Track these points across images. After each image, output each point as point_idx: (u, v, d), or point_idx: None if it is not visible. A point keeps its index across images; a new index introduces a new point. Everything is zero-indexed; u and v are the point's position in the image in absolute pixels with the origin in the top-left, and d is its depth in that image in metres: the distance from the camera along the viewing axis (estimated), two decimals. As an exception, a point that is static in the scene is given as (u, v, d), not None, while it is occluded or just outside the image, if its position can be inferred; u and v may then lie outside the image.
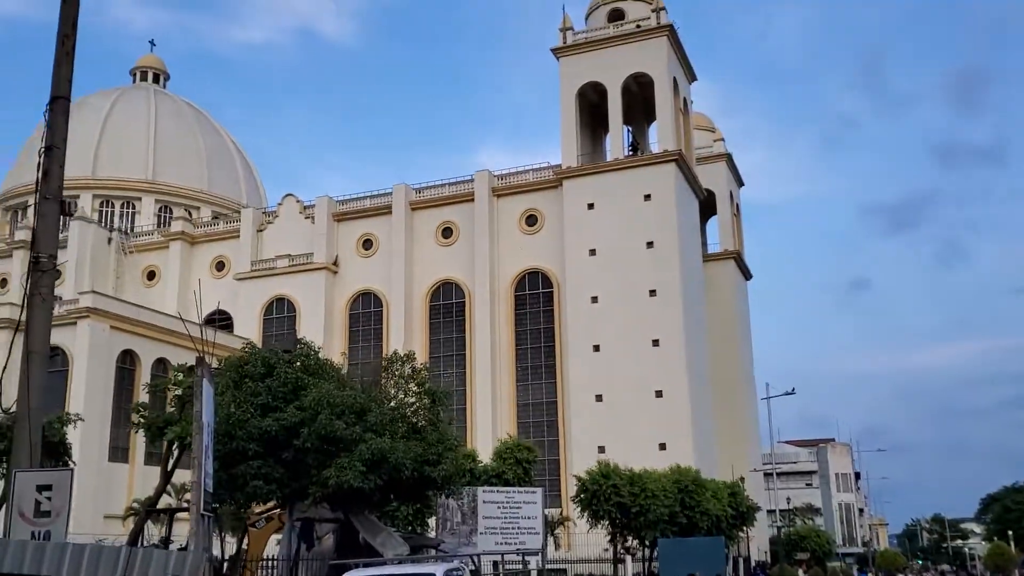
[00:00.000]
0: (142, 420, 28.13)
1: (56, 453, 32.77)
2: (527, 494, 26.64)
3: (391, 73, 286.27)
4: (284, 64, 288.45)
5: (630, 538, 46.52)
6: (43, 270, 10.65)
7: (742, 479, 58.92)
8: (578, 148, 66.70)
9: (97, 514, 54.88)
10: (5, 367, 10.82)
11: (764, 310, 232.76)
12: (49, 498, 10.72)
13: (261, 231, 75.06)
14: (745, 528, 54.85)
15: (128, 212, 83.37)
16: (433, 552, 23.13)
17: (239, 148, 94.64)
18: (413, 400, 23.65)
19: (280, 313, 71.53)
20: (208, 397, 18.73)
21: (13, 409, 11.41)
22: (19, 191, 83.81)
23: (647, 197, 63.32)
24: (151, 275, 76.82)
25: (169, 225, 78.87)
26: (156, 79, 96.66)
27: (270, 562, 24.08)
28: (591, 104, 69.85)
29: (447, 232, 70.14)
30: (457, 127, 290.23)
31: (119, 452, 59.50)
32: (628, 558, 46.33)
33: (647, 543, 46.10)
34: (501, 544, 24.04)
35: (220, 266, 75.52)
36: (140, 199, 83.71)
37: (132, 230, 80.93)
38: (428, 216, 70.89)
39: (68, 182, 65.30)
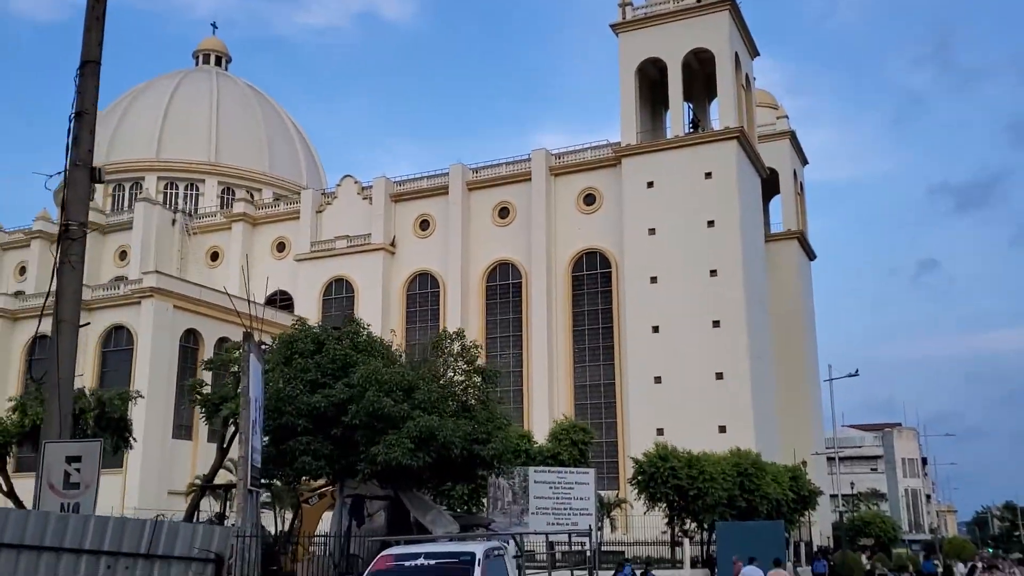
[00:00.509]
0: (199, 397, 28.34)
1: (118, 429, 33.40)
2: (579, 474, 26.26)
3: (450, 55, 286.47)
4: (345, 47, 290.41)
5: (688, 521, 45.97)
6: (73, 238, 10.52)
7: (804, 463, 57.86)
8: (637, 126, 65.67)
9: (161, 490, 56.07)
10: (37, 334, 10.68)
11: (829, 292, 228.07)
12: (79, 469, 10.59)
13: (320, 212, 75.55)
14: (807, 512, 53.83)
15: (192, 194, 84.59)
16: (483, 531, 22.89)
17: (299, 130, 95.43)
18: (463, 378, 23.39)
19: (339, 294, 71.99)
20: (256, 373, 18.67)
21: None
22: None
23: (708, 175, 62.11)
24: (214, 256, 77.88)
25: (231, 207, 79.85)
26: (218, 62, 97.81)
27: (322, 538, 24.07)
28: (651, 81, 68.74)
29: (504, 212, 69.75)
30: (515, 108, 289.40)
31: (183, 430, 60.54)
32: (686, 541, 45.70)
33: (705, 526, 45.48)
34: (552, 524, 23.69)
35: (281, 247, 76.25)
36: (203, 181, 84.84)
37: (196, 211, 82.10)
38: (485, 196, 70.55)
39: (132, 164, 66.54)
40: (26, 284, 78.16)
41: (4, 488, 30.39)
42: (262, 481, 20.20)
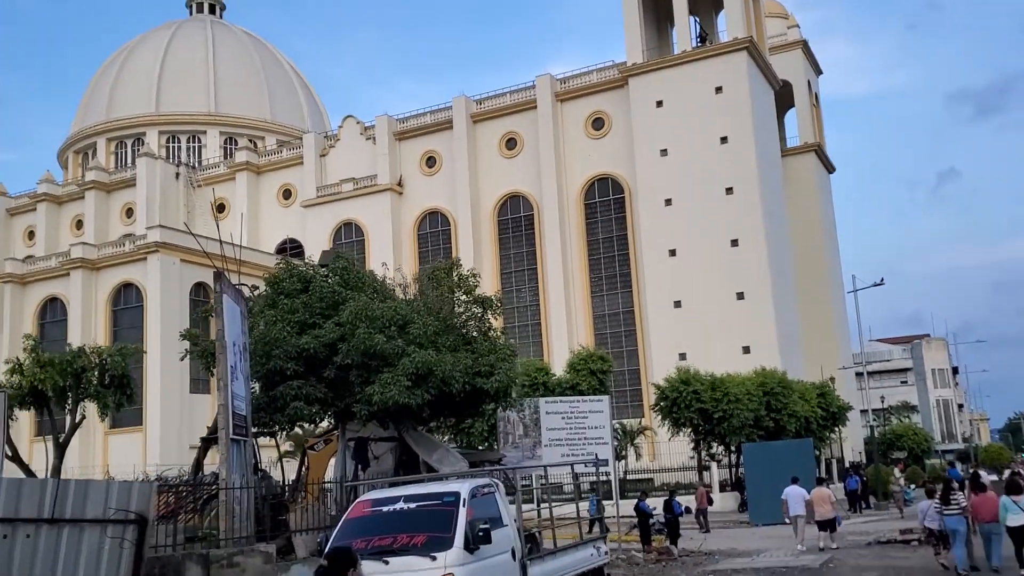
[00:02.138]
0: (194, 347, 27.29)
1: (120, 386, 32.56)
2: (593, 403, 25.08)
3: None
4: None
5: (714, 444, 45.07)
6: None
7: (832, 379, 56.67)
8: (643, 43, 63.32)
9: (182, 445, 55.65)
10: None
11: (849, 205, 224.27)
12: (-17, 425, 9.49)
13: (324, 156, 73.96)
14: (837, 429, 52.76)
15: (194, 146, 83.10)
16: (493, 467, 21.84)
17: (299, 74, 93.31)
18: (461, 309, 22.15)
19: (349, 238, 70.70)
20: (232, 314, 17.44)
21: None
22: (87, 133, 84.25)
23: (718, 90, 59.95)
24: (220, 207, 76.54)
25: (234, 156, 78.38)
26: (212, 10, 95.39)
27: (329, 484, 23.16)
28: (654, -4, 66.16)
29: (511, 143, 67.92)
30: (519, 39, 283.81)
31: (200, 384, 59.87)
32: (713, 465, 44.86)
33: (732, 449, 44.56)
34: (567, 456, 22.59)
35: (287, 194, 74.91)
36: (205, 132, 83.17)
37: (199, 164, 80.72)
38: (490, 128, 68.63)
39: (133, 120, 64.89)
40: (35, 248, 77.54)
41: (9, 452, 29.64)
42: (253, 431, 19.10)
